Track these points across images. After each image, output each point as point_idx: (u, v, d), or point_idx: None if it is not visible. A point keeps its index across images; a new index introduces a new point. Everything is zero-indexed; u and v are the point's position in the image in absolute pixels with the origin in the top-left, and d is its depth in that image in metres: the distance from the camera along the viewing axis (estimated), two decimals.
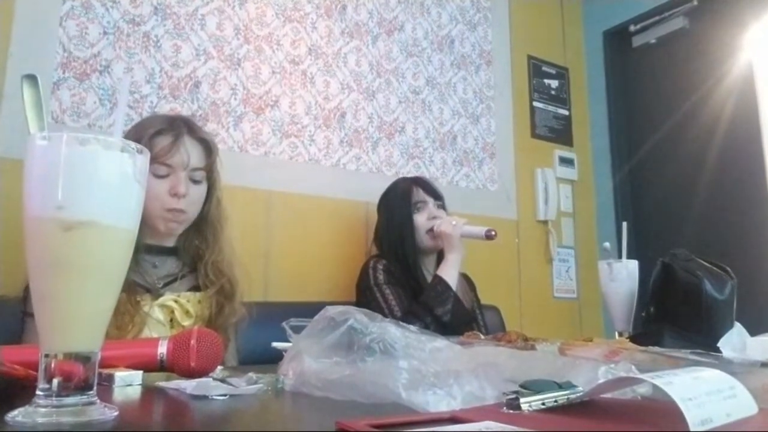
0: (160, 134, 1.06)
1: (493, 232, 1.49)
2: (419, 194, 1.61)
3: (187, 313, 1.04)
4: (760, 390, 0.44)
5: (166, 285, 1.08)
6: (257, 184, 1.69)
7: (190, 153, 1.08)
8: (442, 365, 0.50)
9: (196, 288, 1.11)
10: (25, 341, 0.97)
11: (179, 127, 1.09)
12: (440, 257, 1.60)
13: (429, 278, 1.57)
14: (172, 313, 1.03)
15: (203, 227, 1.14)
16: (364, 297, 1.53)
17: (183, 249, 1.14)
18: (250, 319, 1.13)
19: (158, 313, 1.02)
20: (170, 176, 1.07)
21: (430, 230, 1.57)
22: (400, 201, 1.61)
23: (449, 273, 1.50)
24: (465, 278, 1.68)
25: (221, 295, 1.09)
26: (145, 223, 1.06)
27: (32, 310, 1.02)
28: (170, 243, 1.14)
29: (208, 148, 1.12)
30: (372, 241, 1.70)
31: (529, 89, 2.48)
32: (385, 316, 1.60)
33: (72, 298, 0.42)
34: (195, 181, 1.10)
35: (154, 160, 1.04)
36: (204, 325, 1.03)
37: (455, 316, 1.45)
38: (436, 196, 1.63)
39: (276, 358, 0.64)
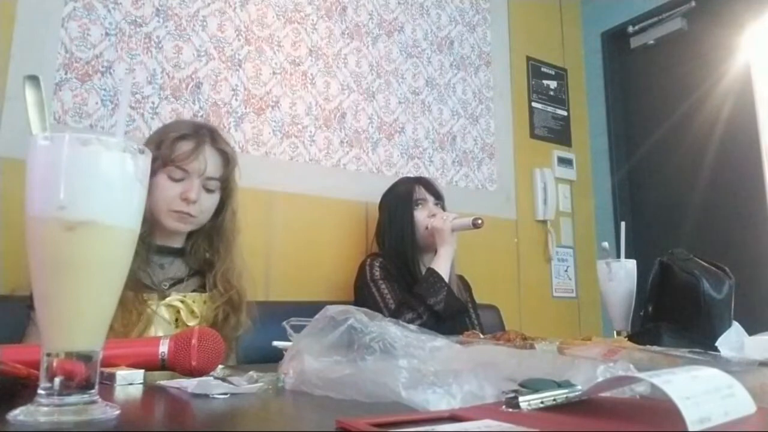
0: (183, 139, 1.07)
1: (479, 221, 1.53)
2: (420, 192, 1.65)
3: (192, 313, 1.05)
4: (758, 389, 0.44)
5: (171, 286, 1.09)
6: (258, 184, 1.69)
7: (208, 161, 1.09)
8: (442, 364, 0.50)
9: (201, 289, 1.11)
10: (28, 334, 0.98)
11: (203, 135, 1.10)
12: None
13: None
14: (178, 313, 1.04)
15: (215, 237, 1.15)
16: (361, 294, 1.54)
17: (190, 252, 1.15)
18: (252, 321, 1.14)
19: (164, 312, 1.03)
20: (184, 181, 1.08)
21: (428, 227, 1.60)
22: (402, 197, 1.64)
23: (441, 265, 1.53)
24: (460, 279, 1.69)
25: (229, 305, 1.09)
26: (155, 223, 1.07)
27: None
28: (178, 244, 1.14)
29: (227, 159, 1.13)
30: (373, 237, 1.71)
31: (528, 90, 2.49)
32: (380, 310, 1.61)
33: (74, 298, 0.43)
34: (208, 190, 1.11)
35: (171, 162, 1.06)
36: (208, 326, 1.04)
37: (448, 305, 1.47)
38: (437, 195, 1.67)
39: (276, 357, 0.64)
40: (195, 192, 1.07)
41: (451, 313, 1.49)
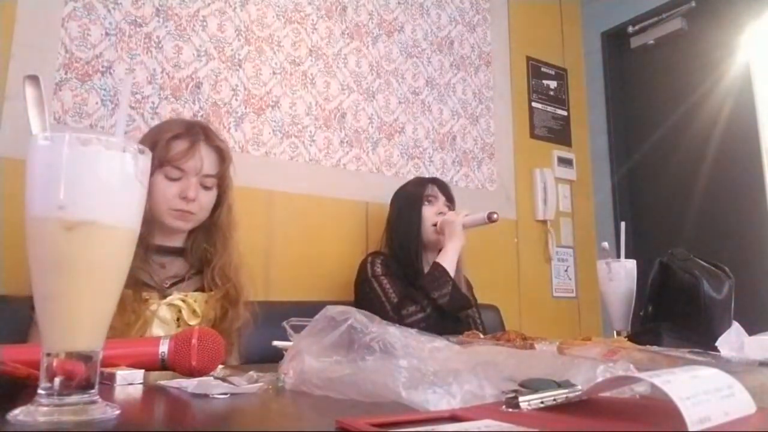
0: (177, 138, 1.08)
1: (495, 215, 1.52)
2: (433, 190, 1.66)
3: (194, 312, 1.06)
4: (758, 389, 0.44)
5: (172, 285, 1.10)
6: (258, 184, 1.69)
7: (204, 159, 1.10)
8: (442, 364, 0.50)
9: (202, 289, 1.12)
10: (30, 334, 0.98)
11: (197, 133, 1.11)
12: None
13: None
14: (180, 312, 1.05)
15: (213, 232, 1.16)
16: (362, 291, 1.53)
17: (191, 251, 1.16)
18: (252, 316, 1.14)
19: (165, 312, 1.03)
20: (182, 180, 1.09)
21: (435, 224, 1.60)
22: (413, 193, 1.65)
23: (447, 260, 1.51)
24: (463, 278, 1.69)
25: (226, 299, 1.10)
26: (156, 223, 1.08)
27: None
28: (178, 243, 1.15)
29: (222, 156, 1.14)
30: (382, 235, 1.70)
31: (528, 90, 2.49)
32: (382, 304, 1.60)
33: (73, 298, 0.43)
34: (206, 187, 1.12)
35: (168, 162, 1.07)
36: (209, 326, 1.04)
37: (452, 300, 1.46)
38: (449, 197, 1.68)
39: (277, 357, 0.64)
40: (193, 190, 1.09)
41: (455, 308, 1.48)
